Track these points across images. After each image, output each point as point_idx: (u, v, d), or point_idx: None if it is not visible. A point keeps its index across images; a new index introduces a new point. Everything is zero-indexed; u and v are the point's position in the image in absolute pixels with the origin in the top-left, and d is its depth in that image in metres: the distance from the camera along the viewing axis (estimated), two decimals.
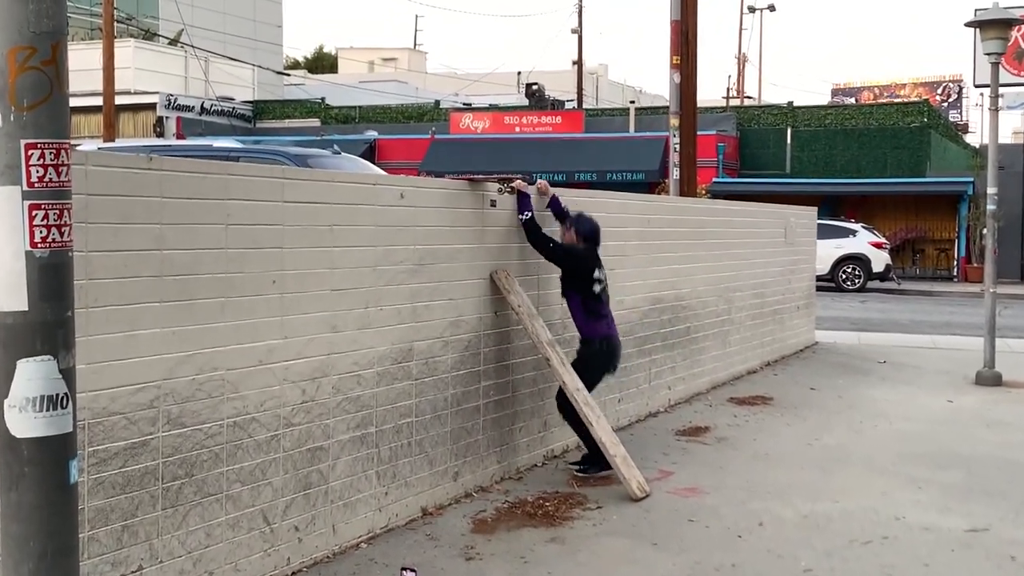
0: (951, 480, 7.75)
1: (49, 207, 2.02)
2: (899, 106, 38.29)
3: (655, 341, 10.09)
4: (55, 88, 1.99)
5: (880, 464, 8.22)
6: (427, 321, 6.63)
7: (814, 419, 10.00)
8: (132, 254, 4.64)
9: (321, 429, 5.75)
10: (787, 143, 35.61)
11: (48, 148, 2.01)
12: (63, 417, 2.03)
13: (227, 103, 40.03)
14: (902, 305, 24.55)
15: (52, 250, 2.03)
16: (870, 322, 19.84)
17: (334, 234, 5.83)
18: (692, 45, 14.02)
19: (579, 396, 7.33)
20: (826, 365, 13.54)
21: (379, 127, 39.08)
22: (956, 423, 9.90)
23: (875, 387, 11.87)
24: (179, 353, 4.86)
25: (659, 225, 10.23)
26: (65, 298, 2.06)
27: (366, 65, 66.11)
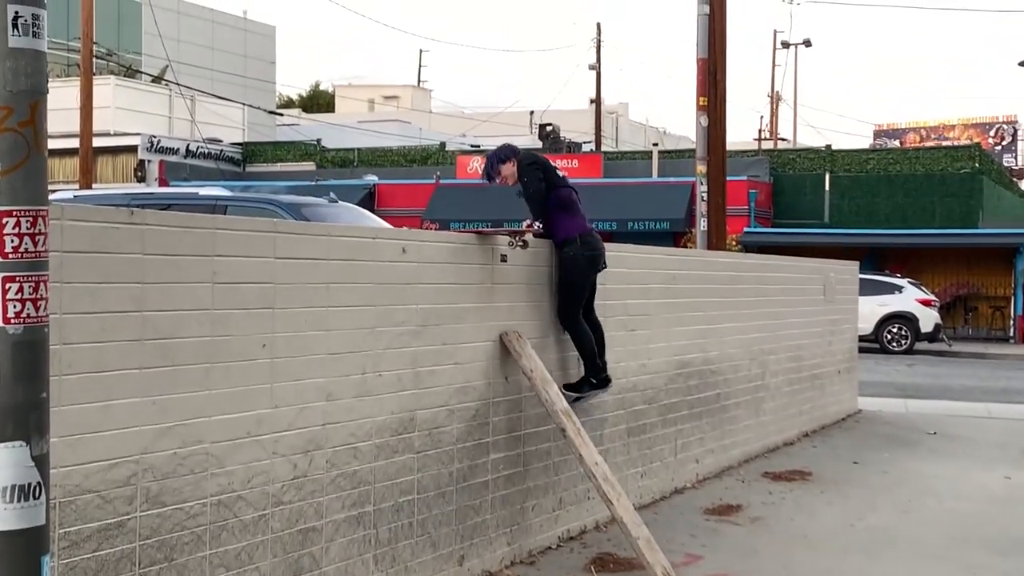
0: (1011, 568, 7.68)
1: (24, 279, 2.02)
2: (948, 150, 38.36)
3: (681, 409, 10.05)
4: (32, 151, 2.00)
5: (931, 548, 8.15)
6: (431, 388, 6.62)
7: (857, 497, 9.92)
8: (110, 316, 4.65)
9: (314, 508, 5.72)
10: (825, 190, 35.67)
11: (24, 216, 2.01)
12: (35, 509, 2.01)
13: (214, 145, 40.32)
14: (953, 369, 24.44)
15: (26, 326, 2.02)
16: (918, 388, 19.74)
17: (330, 293, 5.85)
18: (721, 85, 14.11)
19: (598, 471, 7.29)
20: (870, 436, 13.46)
21: (379, 171, 39.31)
22: (1015, 502, 9.81)
23: (924, 461, 11.79)
24: (159, 424, 4.85)
25: (686, 281, 10.24)
26: (39, 378, 2.05)
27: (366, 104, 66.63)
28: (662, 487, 9.66)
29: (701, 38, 13.91)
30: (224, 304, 5.19)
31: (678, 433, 9.99)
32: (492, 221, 12.03)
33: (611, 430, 8.78)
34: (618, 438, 8.90)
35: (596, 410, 8.52)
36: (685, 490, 9.99)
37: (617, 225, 32.45)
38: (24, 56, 2.00)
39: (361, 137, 46.00)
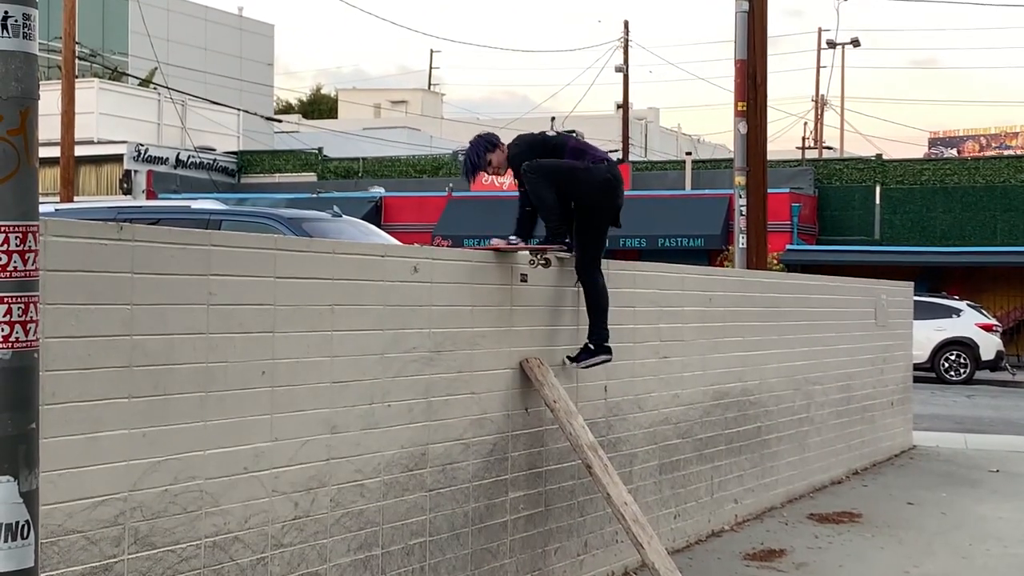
0: None
1: (13, 301, 2.03)
2: (1010, 160, 38.27)
3: (719, 444, 10.04)
4: (23, 161, 2.01)
5: None
6: (444, 420, 6.64)
7: (912, 541, 9.88)
8: (97, 340, 4.68)
9: (316, 551, 5.73)
10: (875, 204, 35.60)
11: (13, 232, 2.02)
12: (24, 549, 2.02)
13: (207, 154, 40.49)
14: (1018, 401, 24.33)
15: (15, 351, 2.03)
16: (979, 421, 19.64)
17: (335, 316, 5.87)
18: (761, 89, 14.11)
19: (627, 512, 7.29)
20: (926, 474, 13.40)
21: (386, 183, 39.39)
22: None
23: (986, 502, 11.74)
24: (149, 459, 4.88)
25: (723, 303, 10.24)
26: (29, 408, 2.06)
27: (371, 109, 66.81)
28: (697, 529, 9.64)
29: (740, 37, 13.91)
30: (220, 328, 5.22)
31: (715, 470, 9.97)
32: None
33: (641, 467, 8.77)
34: (649, 475, 8.88)
35: (625, 445, 8.52)
36: (723, 533, 9.96)
37: (647, 242, 32.45)
38: (14, 59, 2.02)
39: (366, 145, 46.11)
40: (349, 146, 45.68)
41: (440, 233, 33.15)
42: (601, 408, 8.20)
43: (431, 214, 35.33)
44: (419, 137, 51.26)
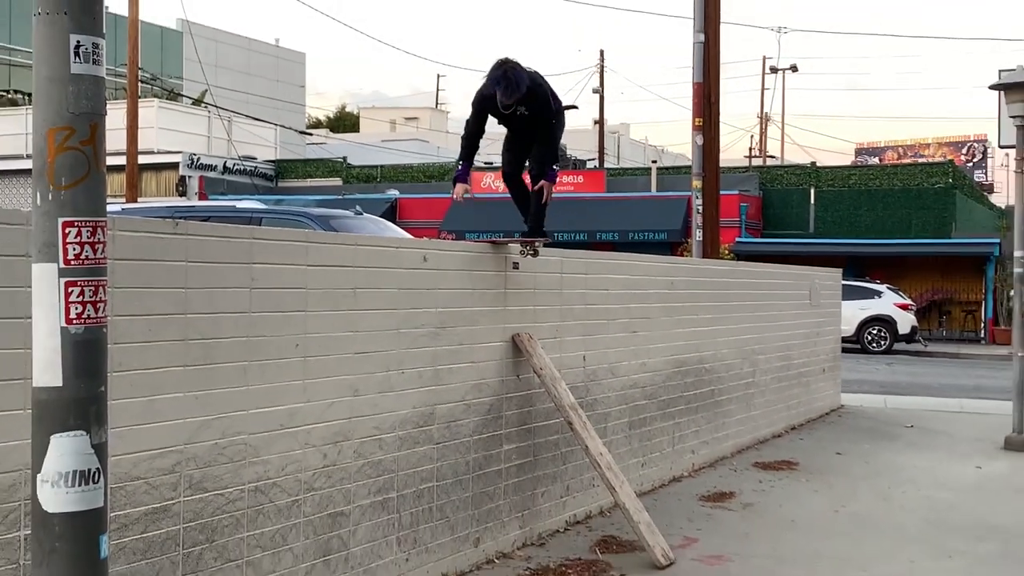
0: (982, 551, 7.66)
1: (85, 284, 2.04)
2: (923, 167, 38.33)
3: (679, 404, 10.06)
4: (93, 167, 2.02)
5: (909, 533, 8.13)
6: (449, 384, 6.64)
7: (841, 485, 9.91)
8: (156, 318, 4.68)
9: (342, 494, 5.74)
10: (811, 203, 35.64)
11: (85, 226, 2.03)
12: (95, 492, 2.03)
13: (249, 162, 40.39)
14: (929, 368, 24.39)
15: (87, 327, 2.04)
16: (897, 385, 19.70)
17: (357, 297, 5.87)
18: (715, 107, 14.12)
19: (602, 461, 7.30)
20: (852, 429, 13.44)
21: (400, 186, 39.32)
22: (986, 491, 9.79)
23: (902, 452, 11.77)
24: (201, 417, 4.88)
25: (683, 287, 10.24)
26: (99, 374, 2.07)
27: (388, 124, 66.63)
28: (661, 475, 9.66)
29: (697, 64, 13.92)
30: (261, 307, 5.21)
31: (675, 427, 9.99)
32: (505, 231, 12.05)
33: (614, 423, 8.79)
34: (620, 431, 8.90)
35: (600, 405, 8.53)
36: (682, 478, 9.98)
37: (619, 236, 32.48)
38: (85, 81, 2.02)
39: (384, 155, 46.03)
40: (369, 155, 45.59)
41: (445, 228, 33.05)
42: (580, 374, 8.21)
43: (438, 213, 35.25)
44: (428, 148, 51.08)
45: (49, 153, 2.00)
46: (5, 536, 4.02)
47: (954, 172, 37.02)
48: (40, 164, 2.02)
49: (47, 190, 2.03)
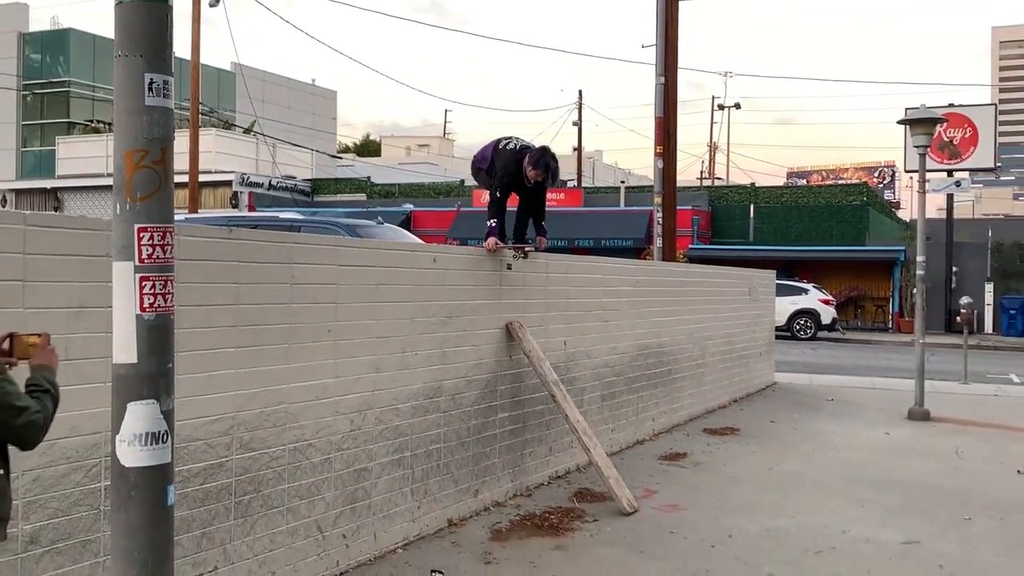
0: (889, 501, 7.68)
1: (156, 279, 2.04)
2: (843, 187, 38.33)
3: (642, 381, 10.06)
4: (163, 183, 2.02)
5: (829, 487, 8.15)
6: (454, 364, 6.64)
7: (774, 448, 9.92)
8: (213, 308, 4.67)
9: (366, 453, 5.74)
10: (750, 217, 35.63)
11: (156, 231, 2.03)
12: (163, 450, 2.04)
13: (290, 180, 40.30)
14: (846, 352, 24.41)
15: (157, 314, 2.04)
16: (820, 366, 19.71)
17: (379, 292, 5.86)
18: (673, 138, 14.10)
19: (579, 427, 7.30)
20: (784, 402, 13.44)
21: (414, 200, 39.25)
22: (893, 453, 9.80)
23: (824, 421, 11.77)
24: (250, 390, 4.87)
25: (646, 285, 10.24)
26: (167, 352, 2.08)
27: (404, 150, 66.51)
28: (627, 439, 9.67)
29: (658, 102, 13.90)
30: (299, 299, 5.21)
31: (639, 399, 10.00)
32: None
33: (589, 396, 8.79)
34: (594, 403, 8.90)
35: (578, 381, 8.53)
36: (644, 442, 9.99)
37: (593, 243, 32.46)
38: (156, 112, 2.01)
39: (401, 175, 45.95)
40: (389, 175, 45.50)
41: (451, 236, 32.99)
42: (562, 356, 8.21)
43: (446, 223, 35.19)
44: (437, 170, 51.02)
45: (127, 171, 2.00)
46: (89, 487, 4.02)
47: (868, 192, 37.08)
48: (120, 180, 2.02)
49: (125, 201, 2.03)
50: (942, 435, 10.87)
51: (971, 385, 15.92)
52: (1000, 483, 8.44)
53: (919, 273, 12.39)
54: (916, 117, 12.01)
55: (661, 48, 13.95)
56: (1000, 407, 13.30)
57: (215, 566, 4.65)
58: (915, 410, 12.02)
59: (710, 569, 5.80)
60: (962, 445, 10.18)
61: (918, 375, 12.15)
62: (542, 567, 5.74)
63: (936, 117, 12.04)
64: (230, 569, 4.74)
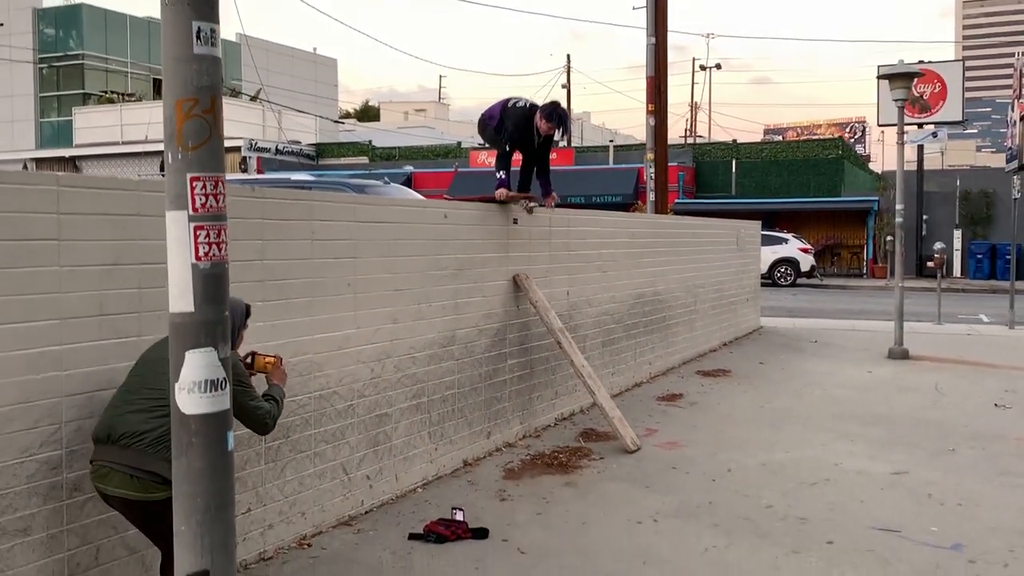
0: (876, 435, 7.68)
1: (210, 228, 1.93)
2: (819, 142, 38.06)
3: (639, 327, 10.01)
4: (213, 132, 1.91)
5: (819, 422, 8.14)
6: (466, 314, 6.57)
7: (765, 387, 9.91)
8: (240, 264, 4.58)
9: (386, 399, 5.69)
10: (733, 172, 35.43)
11: (208, 180, 1.92)
12: (222, 397, 1.95)
13: (295, 145, 39.95)
14: (825, 297, 24.41)
15: (212, 262, 1.94)
16: (802, 310, 19.71)
17: (394, 247, 5.77)
18: (664, 95, 13.90)
19: (584, 371, 7.26)
20: (770, 344, 13.43)
21: (414, 163, 38.92)
22: (876, 389, 9.80)
23: (809, 361, 11.77)
24: (277, 341, 4.80)
25: (641, 237, 10.15)
26: (222, 301, 1.98)
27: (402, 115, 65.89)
28: (626, 382, 9.65)
29: (649, 61, 13.67)
30: (321, 255, 5.12)
31: (636, 344, 9.96)
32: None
33: (591, 342, 8.74)
34: (596, 348, 8.86)
35: (581, 328, 8.48)
36: (642, 384, 9.97)
37: (584, 199, 32.23)
38: (205, 61, 1.90)
39: (400, 138, 45.54)
40: (388, 139, 45.09)
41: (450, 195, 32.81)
42: (565, 305, 8.14)
43: (444, 183, 34.90)
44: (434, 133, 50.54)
45: (178, 120, 1.88)
46: None
47: (843, 146, 36.83)
48: (171, 130, 1.90)
49: (177, 151, 1.92)
50: (922, 372, 10.88)
51: (945, 325, 15.92)
52: (979, 416, 8.45)
53: (898, 220, 12.29)
54: (895, 72, 11.84)
55: (651, 9, 13.70)
56: (974, 345, 13.31)
57: (248, 508, 4.61)
58: (895, 349, 12.01)
59: (713, 501, 5.79)
60: (941, 381, 10.18)
61: (897, 316, 12.12)
62: (554, 503, 5.72)
63: (914, 71, 11.88)
64: (262, 511, 4.70)
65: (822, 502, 5.80)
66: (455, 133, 52.66)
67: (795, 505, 5.73)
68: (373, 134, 47.05)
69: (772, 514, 5.56)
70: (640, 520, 5.42)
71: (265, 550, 4.69)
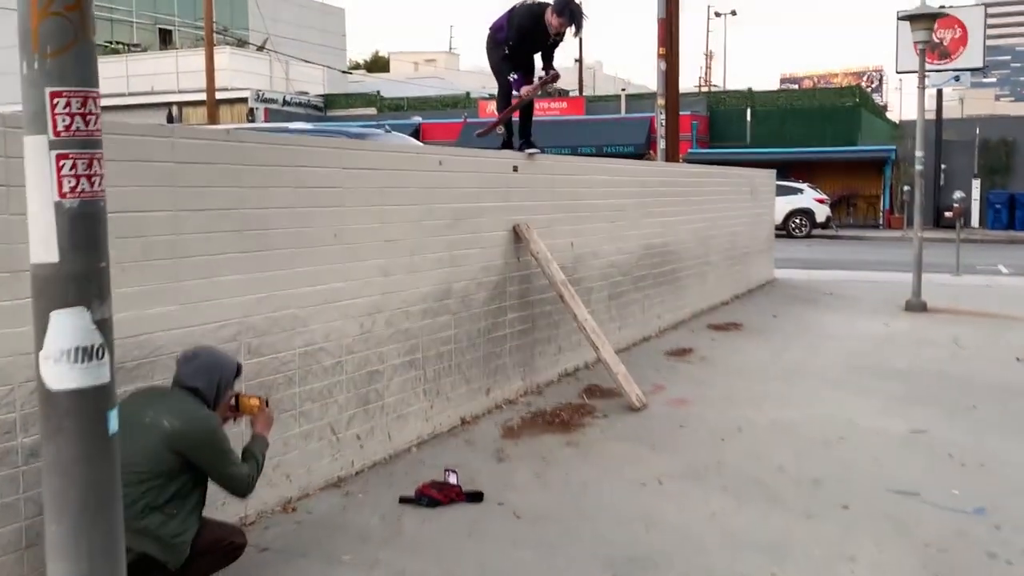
0: (892, 390, 7.37)
1: (77, 156, 1.57)
2: (836, 90, 37.32)
3: (648, 280, 9.69)
4: (80, 35, 1.54)
5: (833, 377, 7.84)
6: (463, 266, 6.26)
7: (777, 341, 9.59)
8: (216, 212, 4.28)
9: (377, 356, 5.41)
10: (747, 120, 34.72)
11: (74, 96, 1.56)
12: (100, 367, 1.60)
13: (303, 96, 39.40)
14: (840, 248, 23.98)
15: (82, 199, 1.58)
16: (817, 262, 19.29)
17: (384, 195, 5.45)
18: (675, 38, 13.38)
19: (587, 325, 6.96)
20: (784, 296, 13.08)
21: (423, 113, 38.36)
22: (893, 343, 9.47)
23: (824, 314, 11.44)
24: (257, 295, 4.51)
25: (652, 186, 9.77)
26: (98, 248, 1.60)
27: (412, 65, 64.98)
28: (634, 336, 9.34)
29: (661, 2, 13.15)
30: (304, 203, 4.80)
31: (645, 297, 9.64)
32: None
33: (597, 295, 8.43)
34: (602, 302, 8.55)
35: (586, 281, 8.16)
36: (651, 338, 9.66)
37: (595, 150, 31.70)
38: None
39: (410, 89, 44.86)
40: (398, 89, 44.41)
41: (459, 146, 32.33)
42: (569, 257, 7.82)
43: (453, 134, 34.27)
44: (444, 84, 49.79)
45: (32, 18, 1.50)
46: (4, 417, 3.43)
47: (860, 94, 36.05)
48: (24, 31, 1.52)
49: (32, 58, 1.52)
50: (940, 325, 10.53)
51: (963, 277, 15.52)
52: (999, 370, 8.12)
53: (918, 168, 11.85)
54: (917, 13, 11.32)
55: None
56: (993, 297, 12.93)
57: None
58: (913, 301, 11.65)
59: (721, 462, 5.51)
60: (960, 334, 9.84)
61: (916, 267, 11.74)
62: (554, 463, 5.46)
63: (936, 12, 11.37)
64: None
65: (837, 463, 5.52)
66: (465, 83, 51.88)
67: (808, 466, 5.46)
68: (382, 85, 46.37)
69: (784, 476, 5.29)
70: (644, 482, 5.15)
71: (246, 515, 4.45)
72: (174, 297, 4.07)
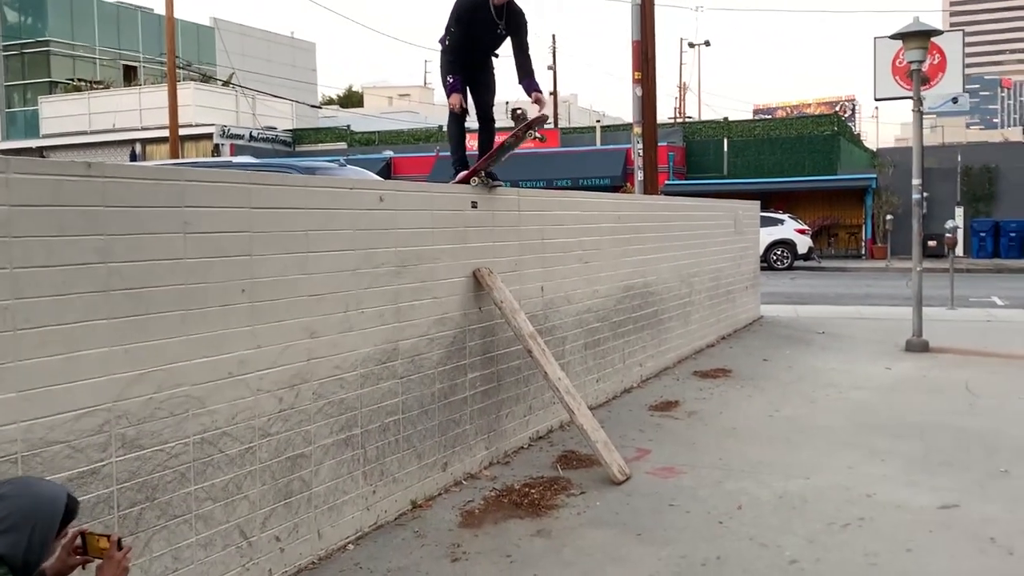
0: (909, 450, 6.45)
1: None
2: (814, 118, 36.87)
3: (628, 324, 8.76)
4: None
5: (841, 436, 6.91)
6: (411, 320, 5.30)
7: (771, 390, 8.67)
8: (72, 269, 3.32)
9: (301, 436, 4.43)
10: (724, 151, 34.17)
11: None
12: None
13: (270, 132, 38.49)
14: (824, 280, 23.21)
15: None
16: (802, 296, 18.51)
17: (309, 239, 4.50)
18: (652, 62, 12.60)
19: (560, 385, 6.01)
20: (773, 337, 12.17)
21: (395, 147, 37.58)
22: (899, 392, 8.56)
23: (818, 356, 10.53)
24: (131, 372, 3.53)
25: (629, 220, 8.88)
26: None
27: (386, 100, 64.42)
28: (614, 388, 8.39)
29: (635, 23, 12.34)
30: (197, 253, 3.84)
31: (625, 344, 8.71)
32: None
33: (571, 345, 7.49)
34: (577, 352, 7.61)
35: (559, 330, 7.23)
36: (632, 389, 8.72)
37: (571, 182, 31.00)
38: None
39: (383, 123, 44.05)
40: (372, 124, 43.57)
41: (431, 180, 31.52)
42: (539, 303, 6.89)
43: (426, 168, 33.54)
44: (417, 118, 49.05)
45: None
46: None
47: (838, 122, 35.59)
48: None
49: None
50: (947, 368, 9.66)
51: (959, 310, 14.71)
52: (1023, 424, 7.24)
53: (915, 197, 11.06)
54: (910, 31, 10.58)
55: None
56: (996, 333, 12.11)
57: None
58: (913, 341, 10.79)
59: (722, 555, 4.56)
60: (971, 379, 8.96)
61: (916, 304, 10.90)
62: (521, 562, 4.49)
63: (932, 29, 10.64)
64: None
65: (859, 553, 4.57)
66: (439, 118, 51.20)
67: (826, 558, 4.51)
68: (354, 119, 45.59)
69: (799, 574, 4.33)
70: None
71: None
72: (12, 382, 3.10)
